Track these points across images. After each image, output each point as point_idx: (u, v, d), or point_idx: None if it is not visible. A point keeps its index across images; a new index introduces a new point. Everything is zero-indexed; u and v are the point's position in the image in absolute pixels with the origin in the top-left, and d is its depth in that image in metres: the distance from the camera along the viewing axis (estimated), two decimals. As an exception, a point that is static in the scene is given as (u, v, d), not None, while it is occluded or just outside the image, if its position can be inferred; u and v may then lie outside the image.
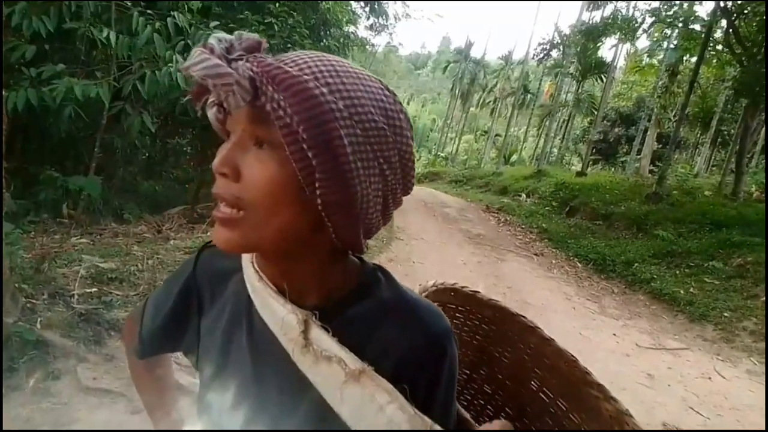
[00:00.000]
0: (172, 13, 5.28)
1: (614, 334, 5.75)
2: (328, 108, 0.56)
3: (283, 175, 0.58)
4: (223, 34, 0.60)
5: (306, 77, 0.57)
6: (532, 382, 1.18)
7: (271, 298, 0.66)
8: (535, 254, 9.67)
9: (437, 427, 0.55)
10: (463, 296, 1.30)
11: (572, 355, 1.08)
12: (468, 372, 1.32)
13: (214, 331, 0.76)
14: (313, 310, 0.65)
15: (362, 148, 0.59)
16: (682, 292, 7.25)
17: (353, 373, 0.58)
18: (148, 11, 5.12)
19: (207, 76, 0.56)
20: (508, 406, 1.24)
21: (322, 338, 0.62)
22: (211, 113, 0.63)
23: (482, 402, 1.29)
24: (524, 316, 1.22)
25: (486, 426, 0.55)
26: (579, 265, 9.10)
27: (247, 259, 0.72)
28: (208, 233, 6.25)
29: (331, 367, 0.60)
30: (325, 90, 0.57)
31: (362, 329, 0.66)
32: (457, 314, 1.34)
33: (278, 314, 0.65)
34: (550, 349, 1.14)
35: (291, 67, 0.58)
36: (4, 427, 2.30)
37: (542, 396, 1.15)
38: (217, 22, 5.92)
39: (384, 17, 13.62)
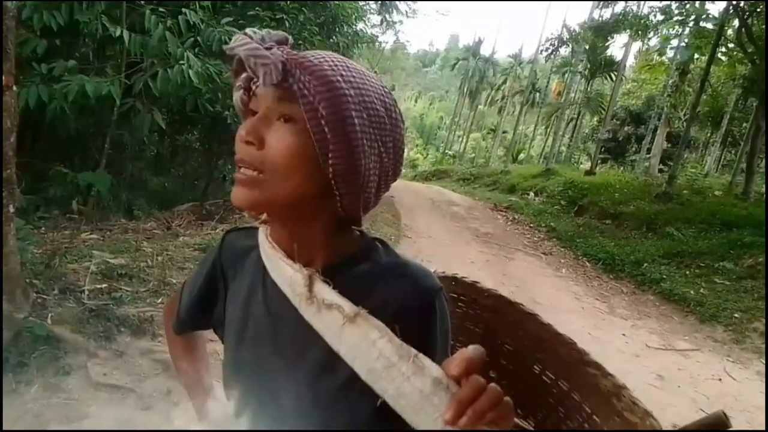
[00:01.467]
0: (183, 10, 5.28)
1: (623, 334, 5.72)
2: (343, 93, 0.68)
3: (300, 146, 0.69)
4: (254, 29, 0.72)
5: (325, 67, 0.69)
6: (534, 366, 1.25)
7: (282, 261, 0.76)
8: (544, 253, 9.63)
9: (421, 356, 0.61)
10: (463, 286, 1.41)
11: (569, 338, 1.14)
12: None
13: (236, 302, 0.87)
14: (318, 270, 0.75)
15: (367, 129, 0.70)
16: (692, 292, 7.19)
17: (349, 316, 0.66)
18: (160, 9, 5.12)
19: (249, 56, 0.68)
20: (513, 391, 1.28)
21: (324, 290, 0.70)
22: (237, 95, 0.77)
23: None
24: (522, 304, 1.30)
25: (459, 354, 0.59)
26: (588, 264, 9.05)
27: (262, 234, 0.82)
28: (218, 230, 6.27)
29: (331, 314, 0.68)
30: (340, 79, 0.69)
31: (362, 287, 0.74)
32: (459, 303, 1.43)
33: (287, 274, 0.75)
34: (549, 334, 1.20)
35: (312, 58, 0.69)
36: (5, 427, 2.31)
37: (544, 378, 1.22)
38: (230, 18, 5.91)
39: (392, 13, 13.60)
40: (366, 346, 0.64)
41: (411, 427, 0.61)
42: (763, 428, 3.94)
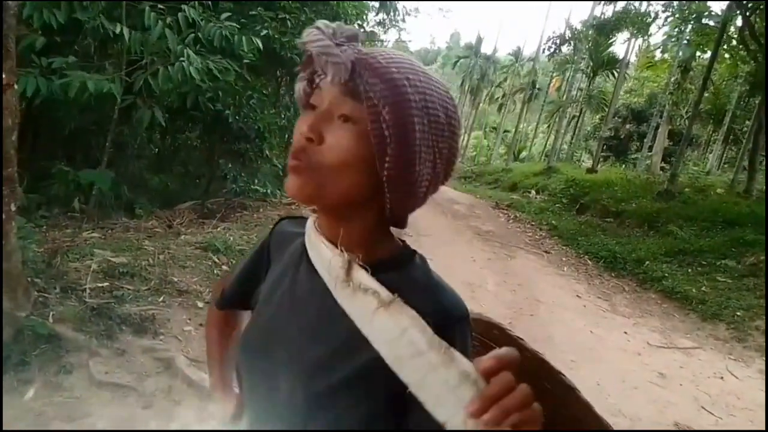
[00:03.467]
0: (183, 7, 5.27)
1: (625, 333, 5.72)
2: (407, 98, 0.68)
3: (359, 147, 0.69)
4: (326, 22, 0.71)
5: (393, 69, 0.69)
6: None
7: (323, 245, 0.77)
8: (545, 251, 9.62)
9: (452, 349, 0.60)
10: (506, 337, 1.30)
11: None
12: None
13: (267, 284, 0.89)
14: None
15: (426, 136, 0.70)
16: (694, 290, 7.19)
17: (384, 302, 0.66)
18: (159, 6, 5.11)
19: (321, 53, 0.68)
20: None
21: (362, 275, 0.71)
22: (300, 86, 0.76)
23: None
24: (563, 374, 1.23)
25: (493, 352, 0.57)
26: (589, 262, 9.04)
27: (310, 221, 0.84)
28: (219, 228, 6.27)
29: (365, 298, 0.68)
30: (406, 83, 0.69)
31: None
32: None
33: (326, 257, 0.76)
34: (553, 377, 1.13)
35: (381, 59, 0.69)
36: (6, 426, 2.31)
37: None
38: (229, 14, 5.90)
39: (394, 13, 13.59)
40: (397, 333, 0.64)
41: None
42: (764, 427, 3.93)
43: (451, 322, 0.74)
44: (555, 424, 1.21)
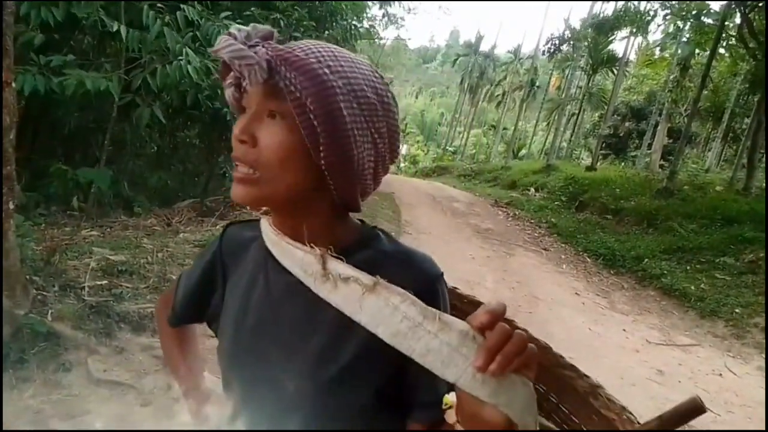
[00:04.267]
0: (182, 6, 5.27)
1: (624, 330, 5.73)
2: (330, 85, 0.68)
3: (291, 141, 0.70)
4: (239, 26, 0.72)
5: (311, 60, 0.69)
6: None
7: (290, 245, 0.77)
8: (544, 249, 9.63)
9: (444, 314, 0.63)
10: (456, 297, 1.34)
11: (545, 342, 1.14)
12: None
13: (236, 293, 0.87)
14: None
15: (358, 118, 0.70)
16: (692, 287, 7.20)
17: (369, 286, 0.67)
18: (158, 4, 5.11)
19: (233, 58, 0.68)
20: None
21: (339, 266, 0.71)
22: (229, 92, 0.76)
23: None
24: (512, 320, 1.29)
25: (483, 307, 0.61)
26: (588, 260, 9.05)
27: (265, 223, 0.83)
28: (218, 226, 6.26)
29: (349, 287, 0.69)
30: (327, 70, 0.69)
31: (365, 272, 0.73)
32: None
33: (297, 256, 0.76)
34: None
35: (299, 52, 0.69)
36: (5, 424, 2.31)
37: None
38: (228, 12, 5.90)
39: (391, 8, 13.59)
40: (389, 311, 0.65)
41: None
42: (763, 423, 3.94)
43: (432, 283, 0.79)
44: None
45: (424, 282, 0.78)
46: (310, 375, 0.76)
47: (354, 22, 10.08)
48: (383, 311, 0.66)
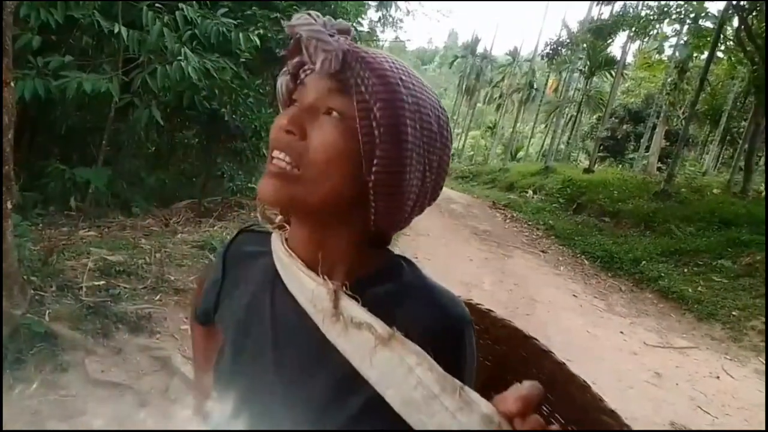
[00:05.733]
0: (180, 5, 5.26)
1: (621, 332, 5.73)
2: (401, 97, 0.63)
3: (345, 145, 0.63)
4: (317, 13, 0.67)
5: (386, 66, 0.64)
6: (543, 407, 1.14)
7: (301, 272, 0.69)
8: (542, 251, 9.64)
9: (467, 389, 0.55)
10: (477, 313, 1.25)
11: (584, 381, 1.05)
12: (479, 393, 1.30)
13: (235, 311, 0.79)
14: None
15: (418, 142, 0.65)
16: (690, 290, 7.21)
17: (382, 338, 0.60)
18: (157, 4, 5.10)
19: (312, 38, 0.63)
20: None
21: (352, 307, 0.64)
22: (282, 80, 0.71)
23: None
24: (537, 339, 1.18)
25: (516, 392, 0.52)
26: (586, 262, 9.06)
27: (276, 240, 0.76)
28: (215, 227, 6.26)
29: (360, 334, 0.62)
30: (399, 82, 0.64)
31: (384, 308, 0.65)
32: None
33: (308, 287, 0.68)
34: (563, 375, 1.10)
35: (374, 55, 0.65)
36: (5, 427, 2.31)
37: (552, 421, 1.12)
38: (225, 9, 5.90)
39: (389, 9, 13.61)
40: (402, 373, 0.58)
41: None
42: (762, 427, 3.95)
43: (458, 329, 0.70)
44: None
45: (449, 326, 0.70)
46: (313, 422, 0.68)
47: (355, 25, 10.09)
48: (396, 371, 0.58)
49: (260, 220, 0.81)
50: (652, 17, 16.20)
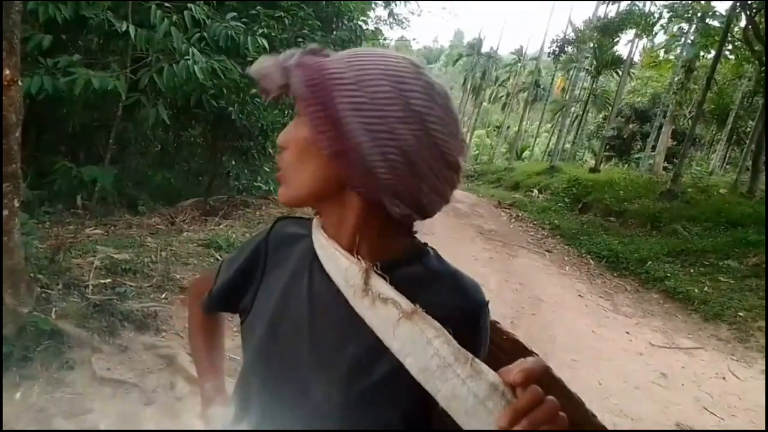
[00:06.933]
0: (189, 5, 5.28)
1: (627, 333, 5.71)
2: (333, 76, 0.68)
3: (305, 138, 0.71)
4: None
5: (322, 56, 0.71)
6: None
7: (338, 252, 0.75)
8: (548, 251, 9.61)
9: (477, 360, 0.61)
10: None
11: (579, 398, 1.02)
12: None
13: (273, 291, 0.84)
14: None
15: (365, 107, 0.67)
16: (696, 290, 7.17)
17: (406, 312, 0.65)
18: (166, 4, 5.12)
19: (259, 74, 0.72)
20: None
21: (381, 284, 0.69)
22: None
23: None
24: (536, 354, 1.19)
25: (521, 364, 0.58)
26: (592, 262, 9.03)
27: (317, 224, 0.82)
28: (221, 225, 6.27)
29: (386, 308, 0.67)
30: (334, 62, 0.70)
31: (409, 290, 0.70)
32: None
33: (342, 265, 0.74)
34: (558, 389, 1.11)
35: (317, 59, 0.71)
36: (8, 422, 2.32)
37: None
38: (234, 13, 5.91)
39: (397, 6, 13.61)
40: (422, 343, 0.63)
41: None
42: (765, 428, 3.93)
43: (477, 312, 0.78)
44: None
45: (470, 309, 0.77)
46: (340, 386, 0.74)
47: (360, 23, 10.08)
48: (416, 342, 0.64)
49: (254, 214, 0.86)
50: (658, 15, 16.14)
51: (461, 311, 0.74)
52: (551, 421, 0.55)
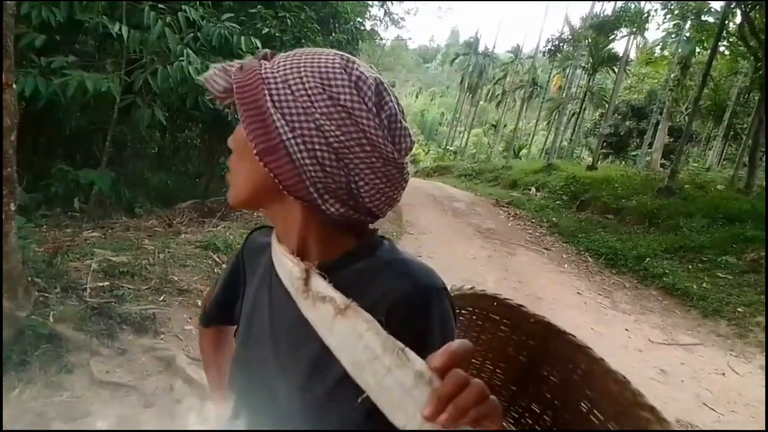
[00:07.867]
0: (183, 7, 5.27)
1: (626, 329, 5.72)
2: (263, 75, 0.70)
3: (241, 138, 0.73)
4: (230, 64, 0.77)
5: (255, 60, 0.73)
6: (582, 404, 1.15)
7: (284, 255, 0.76)
8: (546, 248, 9.61)
9: (407, 350, 0.57)
10: (507, 308, 1.29)
11: (623, 376, 1.05)
12: (514, 388, 1.31)
13: (248, 299, 0.89)
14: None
15: (290, 104, 0.68)
16: (694, 287, 7.18)
17: (340, 309, 0.64)
18: (160, 5, 5.10)
19: (203, 81, 0.76)
20: (556, 427, 1.23)
21: (320, 283, 0.69)
22: None
23: (530, 421, 1.27)
24: (572, 335, 1.19)
25: (445, 347, 0.56)
26: (590, 259, 9.04)
27: (273, 232, 0.84)
28: (219, 227, 6.26)
29: (324, 306, 0.66)
30: (263, 63, 0.72)
31: (360, 284, 0.72)
32: (501, 327, 1.33)
33: (287, 267, 0.75)
34: (600, 370, 1.11)
35: (253, 62, 0.73)
36: (7, 425, 2.31)
37: (592, 418, 1.12)
38: (230, 14, 5.90)
39: (393, 5, 13.62)
40: (354, 338, 0.61)
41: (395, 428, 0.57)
42: (764, 424, 3.93)
43: (426, 295, 0.73)
44: (568, 382, 1.21)
45: (419, 294, 0.73)
46: (302, 388, 0.74)
47: (356, 24, 10.08)
48: (349, 338, 0.62)
49: (251, 216, 0.87)
50: (654, 13, 16.16)
51: (410, 296, 0.72)
52: (478, 404, 0.52)
